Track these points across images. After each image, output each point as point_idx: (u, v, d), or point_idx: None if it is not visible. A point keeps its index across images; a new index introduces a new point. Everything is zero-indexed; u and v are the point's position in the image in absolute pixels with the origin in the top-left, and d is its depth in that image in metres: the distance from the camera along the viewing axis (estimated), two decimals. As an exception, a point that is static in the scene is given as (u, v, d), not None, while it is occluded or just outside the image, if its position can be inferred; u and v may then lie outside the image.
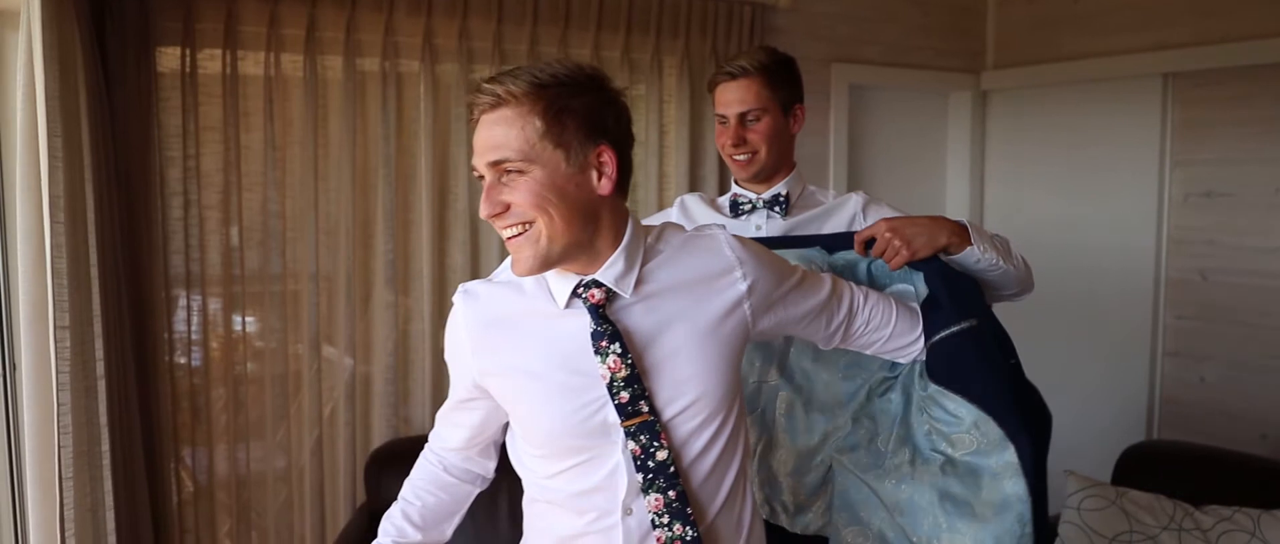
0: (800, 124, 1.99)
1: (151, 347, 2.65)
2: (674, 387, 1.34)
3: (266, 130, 2.74)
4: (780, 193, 1.97)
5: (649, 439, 1.32)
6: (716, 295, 1.37)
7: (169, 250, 2.67)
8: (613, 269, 1.31)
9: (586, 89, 1.27)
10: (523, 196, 1.23)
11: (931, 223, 1.67)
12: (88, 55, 2.23)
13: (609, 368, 1.30)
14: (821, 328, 1.54)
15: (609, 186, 1.28)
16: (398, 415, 2.97)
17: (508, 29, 2.99)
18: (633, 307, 1.33)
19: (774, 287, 1.43)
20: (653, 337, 1.34)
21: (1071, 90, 3.63)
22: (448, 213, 2.99)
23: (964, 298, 1.64)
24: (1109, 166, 3.53)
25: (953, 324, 1.59)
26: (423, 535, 1.55)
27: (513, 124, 1.23)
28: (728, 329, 1.37)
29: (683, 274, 1.37)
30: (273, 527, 2.88)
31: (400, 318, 2.95)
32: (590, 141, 1.25)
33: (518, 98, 1.23)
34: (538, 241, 1.25)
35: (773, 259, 1.46)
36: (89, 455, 2.11)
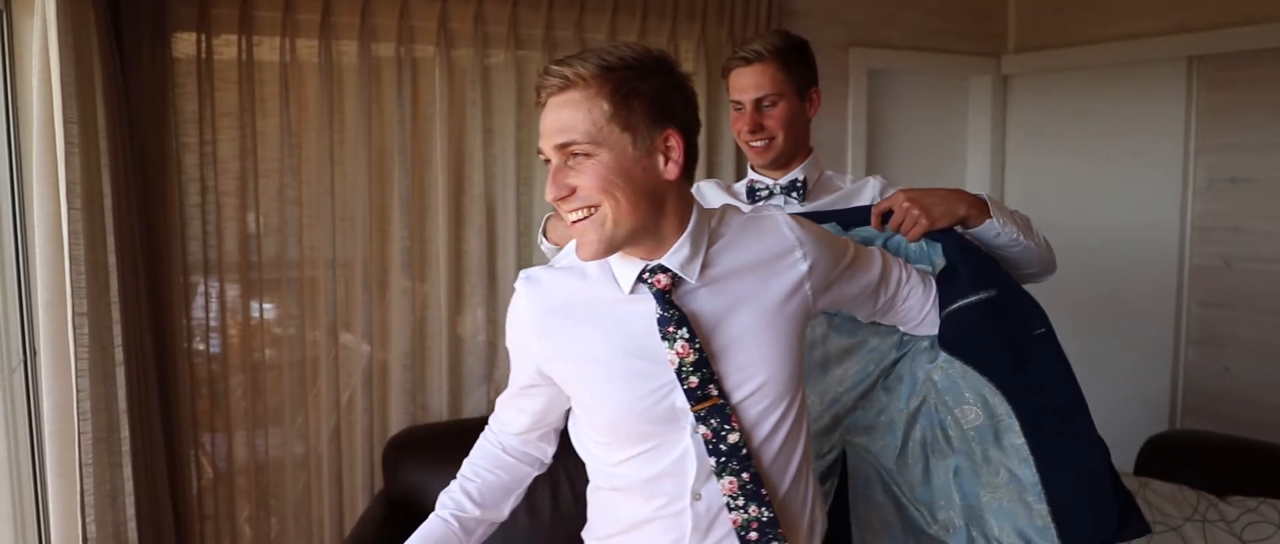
0: (816, 107, 1.96)
1: (170, 333, 2.66)
2: (742, 370, 1.33)
3: (282, 116, 2.74)
4: (798, 178, 1.94)
5: (720, 423, 1.31)
6: (779, 276, 1.37)
7: (186, 237, 2.67)
8: (679, 254, 1.31)
9: (654, 72, 1.26)
10: (589, 180, 1.23)
11: (950, 194, 1.65)
12: (103, 41, 2.23)
13: (677, 353, 1.29)
14: (870, 304, 1.55)
15: (676, 171, 1.27)
16: (415, 402, 2.97)
17: (523, 13, 2.96)
18: (698, 291, 1.33)
19: (832, 265, 1.43)
20: (719, 320, 1.33)
21: (1094, 74, 3.58)
22: (464, 199, 2.97)
23: (982, 269, 1.61)
24: (1132, 152, 3.48)
25: (970, 294, 1.57)
26: (481, 512, 1.52)
27: (580, 107, 1.22)
28: (791, 309, 1.37)
29: (746, 256, 1.36)
30: (291, 513, 2.89)
31: (417, 305, 2.94)
32: (657, 125, 1.25)
33: (586, 80, 1.22)
34: (603, 225, 1.24)
35: (828, 237, 1.46)
36: (108, 442, 2.12)
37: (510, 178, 3.00)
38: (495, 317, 3.04)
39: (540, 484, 2.72)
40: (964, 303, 1.56)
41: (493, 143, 2.99)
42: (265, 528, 2.87)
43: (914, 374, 1.67)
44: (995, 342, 1.57)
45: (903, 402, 1.68)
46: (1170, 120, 3.37)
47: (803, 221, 1.43)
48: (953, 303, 1.58)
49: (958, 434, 1.62)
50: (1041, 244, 1.72)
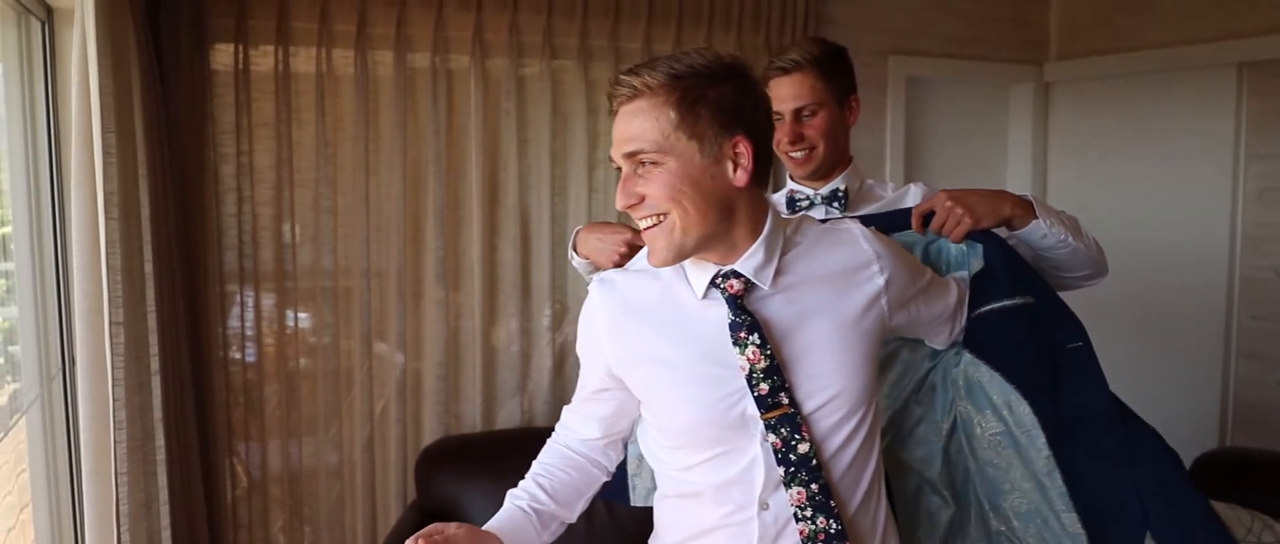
0: (856, 115, 1.92)
1: (205, 342, 2.67)
2: (813, 379, 1.32)
3: (318, 126, 2.75)
4: (839, 188, 1.90)
5: (790, 432, 1.30)
6: (855, 289, 1.36)
7: (223, 246, 2.69)
8: (752, 260, 1.31)
9: (723, 78, 1.25)
10: (657, 188, 1.24)
11: (994, 193, 1.62)
12: (142, 53, 2.24)
13: (748, 359, 1.29)
14: (945, 330, 1.55)
15: (745, 178, 1.26)
16: (449, 413, 2.96)
17: (558, 22, 2.95)
18: (772, 298, 1.32)
19: (908, 283, 1.42)
20: (792, 328, 1.32)
21: (1140, 81, 3.50)
22: (498, 209, 2.96)
23: (1022, 274, 1.57)
24: (1180, 161, 3.39)
25: (1006, 297, 1.54)
26: (555, 507, 1.49)
27: (648, 115, 1.23)
28: (867, 324, 1.36)
29: (822, 267, 1.36)
30: (325, 522, 2.89)
31: (451, 315, 2.94)
32: (725, 132, 1.24)
33: (653, 89, 1.23)
34: (672, 233, 1.26)
35: (906, 256, 1.45)
36: (143, 451, 2.12)
37: (545, 188, 2.98)
38: (530, 327, 3.03)
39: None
40: (998, 306, 1.54)
41: (527, 153, 2.98)
42: (299, 537, 2.87)
43: (945, 382, 1.64)
44: (1026, 348, 1.53)
45: (939, 413, 1.65)
46: (1219, 128, 3.28)
47: (880, 236, 1.42)
48: (986, 305, 1.55)
49: (982, 441, 1.59)
50: (1091, 246, 1.67)
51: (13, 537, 2.25)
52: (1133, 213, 3.51)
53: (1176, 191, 3.40)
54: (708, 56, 1.26)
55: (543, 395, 3.05)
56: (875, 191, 1.97)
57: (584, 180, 3.02)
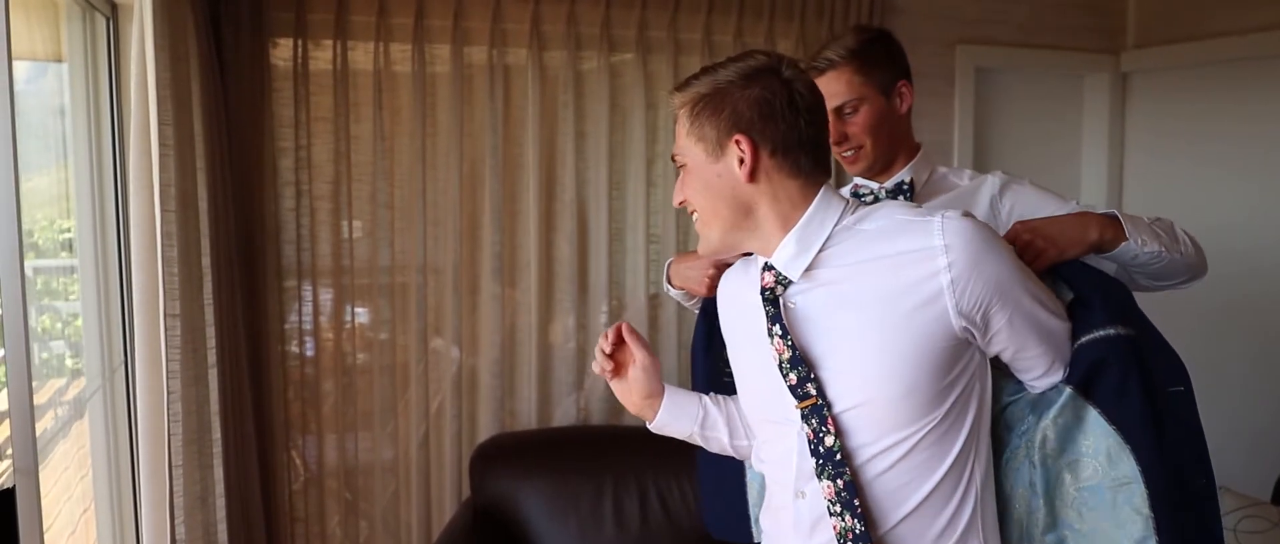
0: (908, 102, 1.80)
1: (263, 337, 2.68)
2: (842, 377, 1.30)
3: (376, 121, 2.74)
4: (903, 180, 1.79)
5: (819, 423, 1.30)
6: (907, 283, 1.24)
7: (281, 240, 2.69)
8: (783, 252, 1.32)
9: (737, 87, 1.30)
10: (688, 189, 1.35)
11: (1076, 219, 1.49)
12: (202, 46, 2.25)
13: (776, 350, 1.32)
14: (1040, 368, 1.37)
15: (747, 172, 1.29)
16: (504, 409, 2.93)
17: (616, 14, 2.91)
18: (810, 290, 1.32)
19: (994, 290, 1.24)
20: (820, 322, 1.31)
21: (1223, 71, 3.33)
22: (555, 204, 2.93)
23: (1119, 302, 1.39)
24: (1266, 155, 3.22)
25: (1104, 327, 1.35)
26: (721, 417, 1.57)
27: (680, 124, 1.34)
28: (916, 328, 1.24)
29: (871, 256, 1.27)
30: (380, 517, 2.88)
31: (507, 311, 2.91)
32: (724, 132, 1.30)
33: (680, 100, 1.34)
34: (704, 230, 1.36)
35: (1006, 255, 1.26)
36: (199, 444, 2.13)
37: (602, 183, 2.94)
38: (586, 323, 2.99)
39: (628, 496, 2.66)
40: (1098, 335, 1.35)
41: (584, 148, 2.94)
42: (355, 532, 2.87)
43: (1024, 428, 1.43)
44: (1131, 388, 1.33)
45: (1008, 457, 1.45)
46: (1311, 119, 3.11)
47: (974, 230, 1.23)
48: (1084, 335, 1.36)
49: (1066, 497, 1.38)
50: (1188, 250, 1.55)
51: (75, 539, 2.27)
52: (1214, 208, 3.34)
53: (1262, 186, 3.23)
54: (737, 67, 1.32)
55: (599, 393, 3.01)
56: (949, 181, 1.84)
57: (642, 175, 2.97)
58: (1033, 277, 1.33)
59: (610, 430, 2.91)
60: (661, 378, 1.55)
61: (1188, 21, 3.41)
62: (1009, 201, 1.75)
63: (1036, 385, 1.40)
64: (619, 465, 2.71)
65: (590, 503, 2.66)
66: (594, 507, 2.65)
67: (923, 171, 1.83)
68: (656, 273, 3.05)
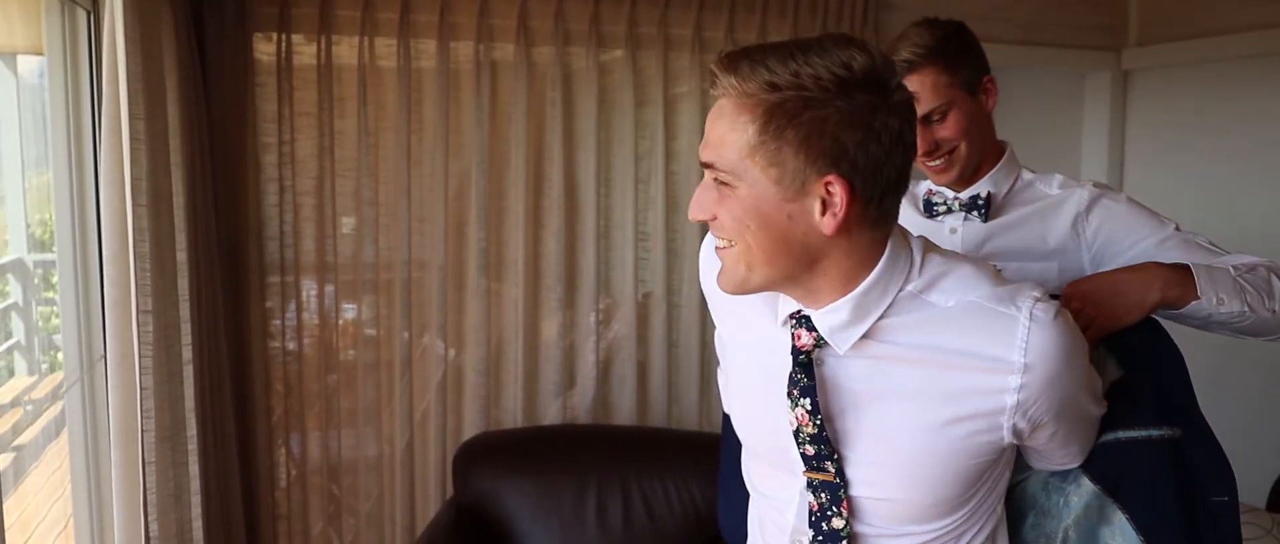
0: (994, 97, 1.62)
1: (246, 333, 2.67)
2: (870, 470, 1.12)
3: (360, 116, 2.72)
4: (980, 194, 1.61)
5: (830, 500, 1.13)
6: (965, 391, 1.05)
7: (264, 236, 2.68)
8: (832, 317, 1.06)
9: (834, 97, 0.97)
10: (726, 213, 1.03)
11: (1137, 276, 1.29)
12: (182, 41, 2.23)
13: (796, 418, 1.10)
14: (1061, 463, 1.25)
15: (833, 225, 1.00)
16: (490, 408, 2.91)
17: (605, 9, 2.88)
18: (851, 360, 1.09)
19: (1057, 415, 1.09)
20: (860, 404, 1.09)
21: (1226, 68, 3.27)
22: (542, 200, 2.90)
23: (1172, 393, 1.23)
24: (1269, 153, 3.16)
25: (1147, 427, 1.20)
26: None
27: (730, 124, 1.01)
28: (961, 439, 1.07)
29: (934, 346, 1.05)
30: (365, 515, 2.86)
31: (493, 309, 2.88)
32: (813, 167, 0.98)
33: (741, 94, 1.00)
34: (738, 265, 1.06)
35: (1078, 370, 1.08)
36: (173, 440, 2.11)
37: (590, 180, 2.91)
38: (575, 322, 2.96)
39: (611, 496, 2.64)
40: (1138, 435, 1.21)
41: (573, 145, 2.91)
42: (339, 529, 2.85)
43: (1041, 519, 1.31)
44: (1165, 497, 1.20)
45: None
46: (1315, 118, 3.04)
47: (1059, 339, 1.03)
48: (1118, 430, 1.21)
49: None
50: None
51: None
52: (1218, 209, 3.28)
53: (1268, 187, 3.17)
54: (831, 62, 0.97)
55: (587, 391, 2.98)
56: (1035, 190, 1.64)
57: (631, 172, 2.94)
58: (1094, 375, 1.16)
59: (595, 430, 2.88)
60: None
61: (1190, 19, 3.35)
62: (1095, 221, 1.55)
63: (1044, 469, 1.28)
64: (603, 465, 2.68)
65: (573, 502, 2.63)
66: (577, 506, 2.63)
67: (1005, 180, 1.64)
68: (646, 271, 3.02)
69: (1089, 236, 1.53)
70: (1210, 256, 1.44)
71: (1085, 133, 3.61)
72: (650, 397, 3.03)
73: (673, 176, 2.99)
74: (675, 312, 3.05)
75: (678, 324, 3.04)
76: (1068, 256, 1.54)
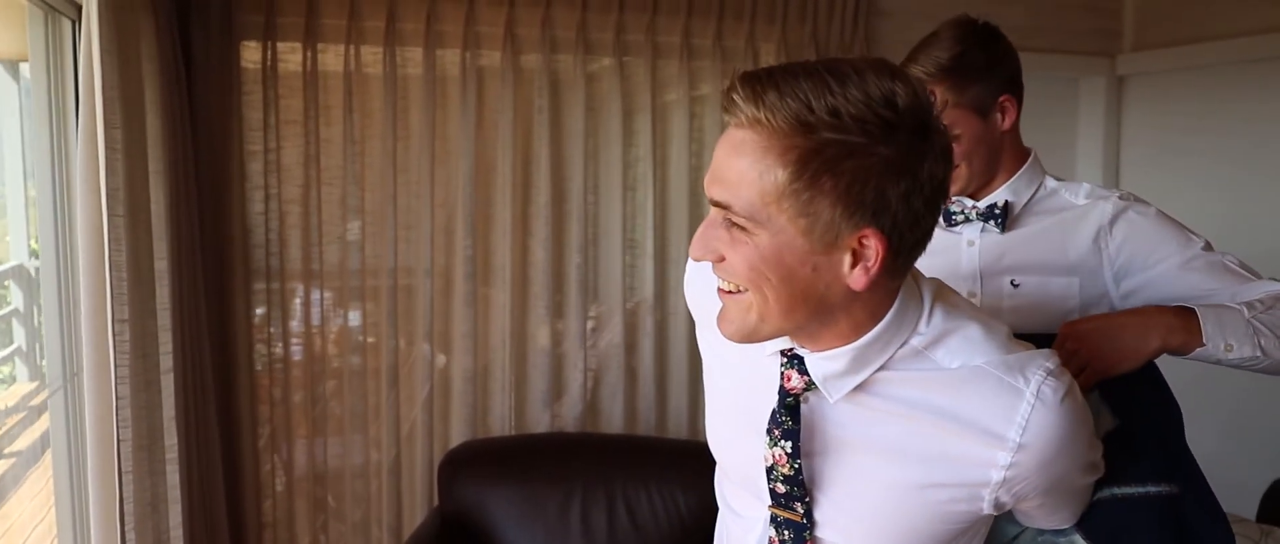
0: (1012, 117, 1.55)
1: (232, 341, 2.67)
2: (839, 514, 1.06)
3: (346, 124, 2.72)
4: (997, 203, 1.55)
5: (792, 538, 1.08)
6: (951, 458, 0.99)
7: (250, 244, 2.68)
8: (829, 365, 1.00)
9: (877, 141, 0.87)
10: (739, 259, 0.93)
11: (1137, 321, 1.22)
12: (164, 49, 2.24)
13: (773, 456, 1.04)
14: (1051, 524, 1.19)
15: (864, 281, 0.92)
16: (478, 415, 2.90)
17: (593, 17, 2.87)
18: (839, 406, 1.03)
19: (1046, 488, 1.02)
20: (839, 451, 1.04)
21: (1221, 73, 3.24)
22: (530, 208, 2.89)
23: (1169, 447, 1.19)
24: (1265, 159, 3.13)
25: (1144, 483, 1.15)
26: None
27: (753, 161, 0.89)
28: (940, 506, 1.02)
29: (928, 407, 0.99)
30: (350, 524, 2.86)
31: (480, 316, 2.88)
32: (850, 220, 0.89)
33: (770, 130, 0.88)
34: (747, 314, 0.97)
35: (1076, 451, 1.01)
36: (149, 450, 2.11)
37: (578, 188, 2.90)
38: (563, 330, 2.95)
39: (595, 505, 2.63)
40: (1134, 492, 1.15)
41: (560, 152, 2.90)
42: (326, 537, 2.85)
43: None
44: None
45: None
46: (1312, 124, 3.01)
47: (1061, 422, 0.96)
48: (1115, 487, 1.15)
49: None
50: None
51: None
52: (1214, 215, 3.24)
53: (1263, 193, 3.14)
54: (873, 95, 0.86)
55: (575, 400, 2.97)
56: (1059, 199, 1.57)
57: (618, 180, 2.93)
58: (1095, 447, 1.08)
59: (582, 438, 2.87)
60: None
61: (1185, 24, 3.32)
62: (1119, 235, 1.47)
63: (1035, 526, 1.22)
64: (588, 474, 2.67)
65: (557, 511, 2.62)
66: (561, 515, 2.62)
67: (1026, 188, 1.58)
68: (634, 279, 3.01)
69: (1112, 252, 1.47)
70: (1238, 282, 1.37)
71: (1080, 138, 3.59)
72: (639, 405, 3.02)
73: (661, 184, 2.98)
74: (664, 320, 3.03)
75: (667, 332, 3.03)
76: (1089, 272, 1.48)
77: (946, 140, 0.93)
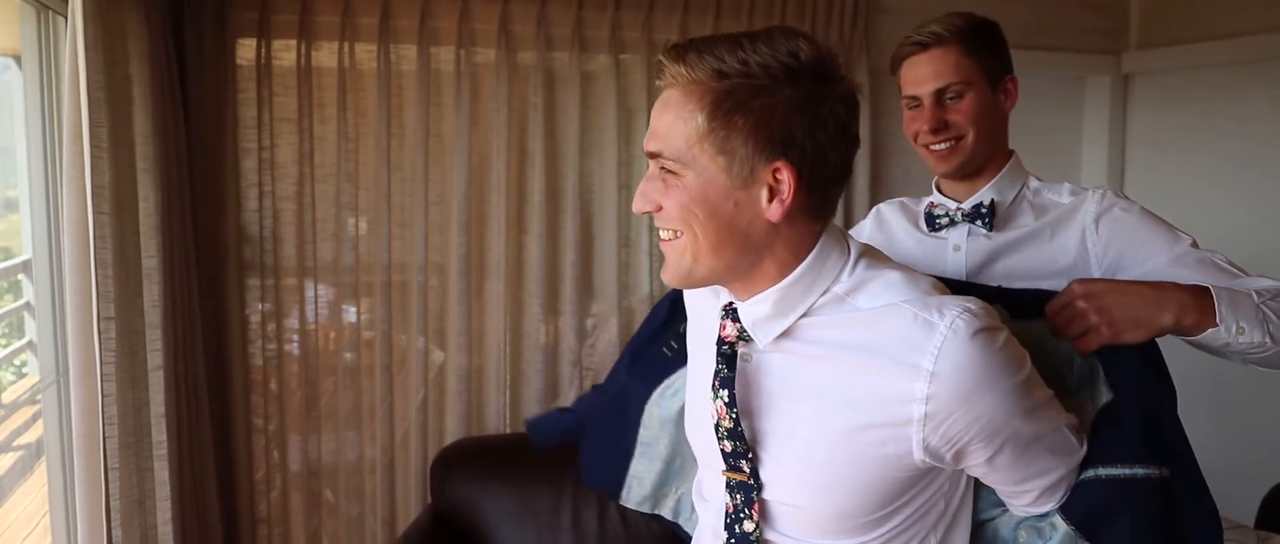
0: (1013, 100, 1.58)
1: (226, 338, 2.67)
2: (781, 469, 1.10)
3: (340, 121, 2.72)
4: (983, 202, 1.54)
5: (743, 501, 1.12)
6: (873, 396, 1.02)
7: (243, 241, 2.68)
8: (756, 309, 1.07)
9: (781, 84, 0.99)
10: (672, 203, 1.03)
11: (1155, 294, 1.19)
12: (156, 47, 2.24)
13: (716, 411, 1.10)
14: (1029, 500, 1.16)
15: (780, 212, 1.01)
16: (473, 413, 2.90)
17: (589, 14, 2.86)
18: (771, 356, 1.09)
19: (976, 433, 1.01)
20: (777, 404, 1.09)
21: (1228, 72, 3.19)
22: (525, 206, 2.88)
23: (1162, 428, 1.14)
24: (1271, 157, 3.08)
25: (1132, 464, 1.11)
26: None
27: (677, 113, 1.01)
28: (868, 449, 1.04)
29: (851, 344, 1.03)
30: (345, 520, 2.86)
31: (474, 313, 2.87)
32: (762, 154, 0.99)
33: (689, 82, 1.01)
34: (683, 256, 1.05)
35: (1001, 392, 1.00)
36: (137, 447, 2.12)
37: (573, 186, 2.89)
38: (560, 327, 2.94)
39: (586, 505, 2.61)
40: (1121, 473, 1.11)
41: (556, 149, 2.89)
42: (320, 534, 2.85)
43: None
44: (1147, 540, 1.11)
45: None
46: (1320, 123, 2.96)
47: (977, 356, 0.98)
48: (1100, 467, 1.12)
49: None
50: None
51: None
52: (1219, 215, 3.21)
53: (1270, 195, 3.09)
54: (778, 51, 0.99)
55: (571, 398, 2.96)
56: (1042, 198, 1.56)
57: (614, 177, 2.92)
58: (1046, 407, 1.07)
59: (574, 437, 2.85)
60: None
61: (1191, 22, 3.28)
62: (1105, 234, 1.47)
63: (1019, 511, 1.20)
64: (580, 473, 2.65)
65: (549, 510, 2.61)
66: (552, 514, 2.61)
67: (1010, 187, 1.58)
68: (629, 278, 2.99)
69: (1099, 251, 1.47)
70: (1227, 278, 1.35)
71: (1085, 138, 3.55)
72: (634, 404, 3.00)
73: (657, 182, 2.96)
74: (660, 318, 3.02)
75: (663, 331, 3.01)
76: (1078, 272, 1.47)
77: (848, 88, 1.03)
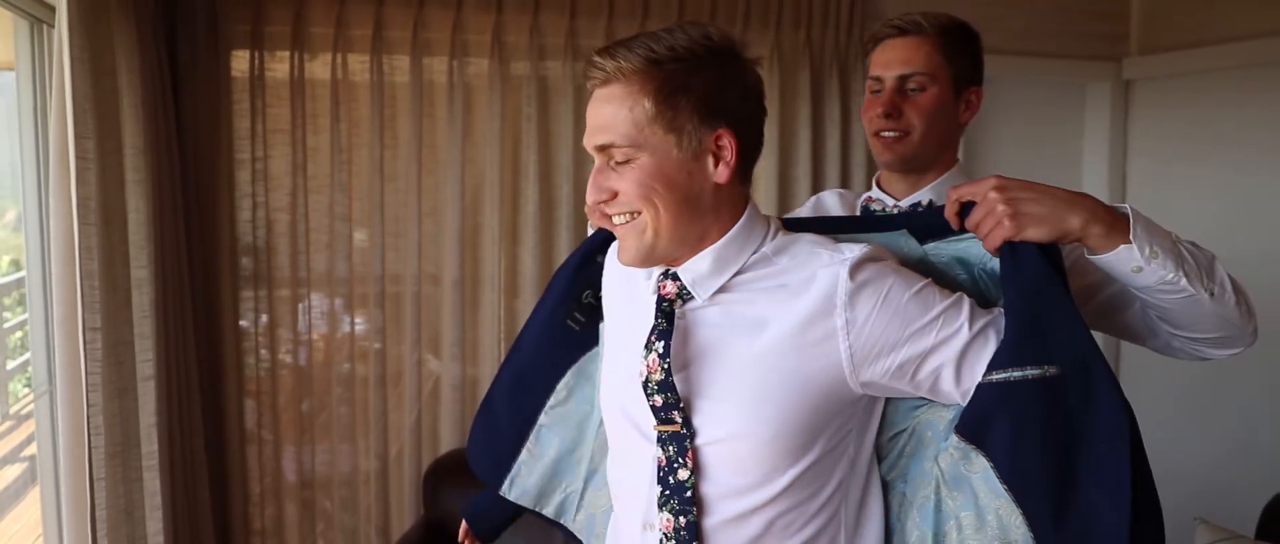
0: (973, 113, 1.56)
1: (220, 348, 2.68)
2: (715, 406, 1.17)
3: (334, 132, 2.73)
4: (922, 201, 1.53)
5: (676, 452, 1.19)
6: (799, 327, 1.13)
7: (237, 252, 2.69)
8: (698, 265, 1.18)
9: (708, 64, 1.13)
10: (629, 185, 1.13)
11: (1068, 197, 1.15)
12: (147, 59, 2.25)
13: (648, 366, 1.18)
14: (947, 394, 1.18)
15: (727, 173, 1.14)
16: (467, 423, 2.89)
17: (582, 24, 2.86)
18: (706, 309, 1.19)
19: (896, 334, 1.12)
20: (709, 349, 1.18)
21: (1234, 78, 3.15)
22: (518, 216, 2.89)
23: (1052, 326, 1.11)
24: (1274, 164, 3.04)
25: (1014, 365, 1.10)
26: None
27: (623, 104, 1.12)
28: (802, 372, 1.13)
29: (777, 282, 1.17)
30: (340, 530, 2.86)
31: (468, 323, 2.87)
32: (706, 125, 1.12)
33: (628, 75, 1.11)
34: (644, 234, 1.15)
35: (901, 300, 1.12)
36: (124, 457, 2.13)
37: (566, 195, 2.89)
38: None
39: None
40: (1003, 378, 1.10)
41: (549, 159, 2.89)
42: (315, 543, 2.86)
43: (925, 451, 1.23)
44: (1032, 444, 1.10)
45: (911, 485, 1.25)
46: (1324, 128, 2.92)
47: (875, 272, 1.13)
48: (989, 372, 1.12)
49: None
50: (1226, 299, 1.20)
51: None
52: (1222, 222, 3.16)
53: (1274, 201, 3.05)
54: (694, 35, 1.12)
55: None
56: None
57: (606, 184, 2.91)
58: (943, 299, 1.14)
59: (568, 448, 2.84)
60: None
61: (1193, 27, 3.24)
62: None
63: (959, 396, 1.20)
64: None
65: (541, 522, 2.59)
66: (545, 524, 2.59)
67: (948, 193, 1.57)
68: (624, 287, 2.98)
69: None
70: None
71: (1086, 145, 3.51)
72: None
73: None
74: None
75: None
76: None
77: (754, 65, 1.18)
